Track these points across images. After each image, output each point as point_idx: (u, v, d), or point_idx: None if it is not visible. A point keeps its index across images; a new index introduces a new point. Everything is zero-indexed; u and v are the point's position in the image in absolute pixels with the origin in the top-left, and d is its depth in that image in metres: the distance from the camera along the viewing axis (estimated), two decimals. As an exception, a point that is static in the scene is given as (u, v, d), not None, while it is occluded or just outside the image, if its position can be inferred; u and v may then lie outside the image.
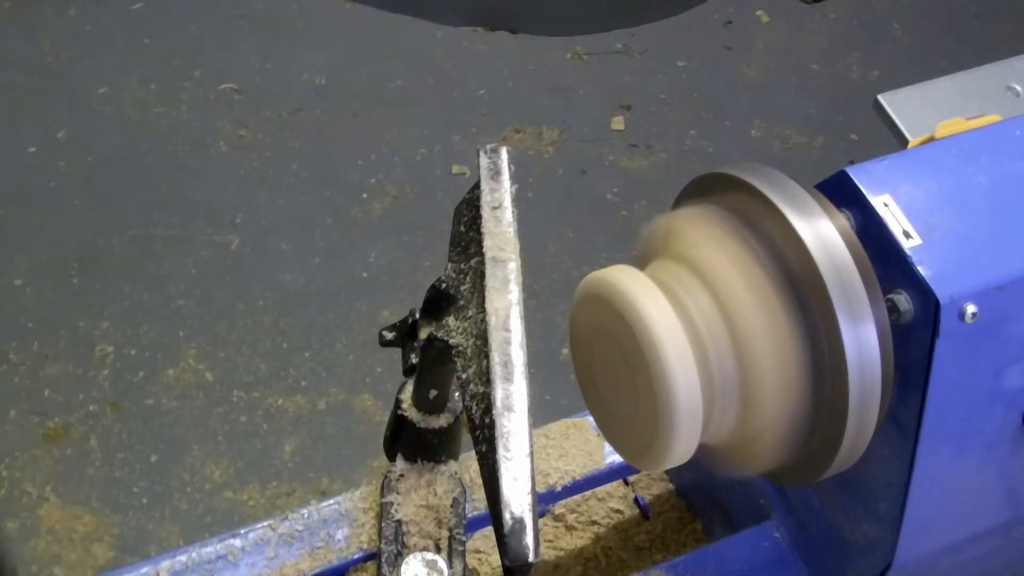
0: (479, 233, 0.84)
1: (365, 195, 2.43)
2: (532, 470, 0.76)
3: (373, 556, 0.95)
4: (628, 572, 0.98)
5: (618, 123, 2.74)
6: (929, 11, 3.01)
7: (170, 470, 2.08)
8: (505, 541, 0.74)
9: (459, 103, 2.75)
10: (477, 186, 0.87)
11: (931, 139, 0.90)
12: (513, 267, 0.82)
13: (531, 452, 0.76)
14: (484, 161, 0.87)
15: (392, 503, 0.92)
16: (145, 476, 2.08)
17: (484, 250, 0.82)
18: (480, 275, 0.82)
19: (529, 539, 0.74)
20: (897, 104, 1.05)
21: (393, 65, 2.82)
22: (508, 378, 0.78)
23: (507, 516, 0.75)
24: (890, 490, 0.81)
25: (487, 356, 0.79)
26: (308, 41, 2.80)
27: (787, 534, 0.94)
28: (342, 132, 2.62)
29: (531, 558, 0.74)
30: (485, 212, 0.84)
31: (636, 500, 0.75)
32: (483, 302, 0.81)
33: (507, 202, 0.85)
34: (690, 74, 2.86)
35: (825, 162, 2.58)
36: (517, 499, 0.75)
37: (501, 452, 0.76)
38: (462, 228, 0.86)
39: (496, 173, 0.86)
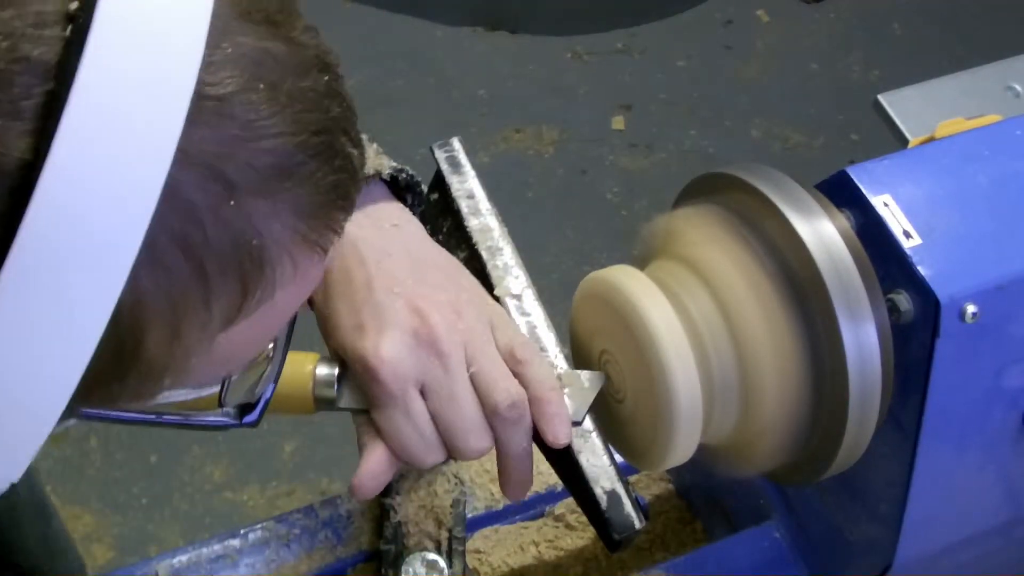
0: (459, 229, 0.84)
1: (365, 195, 2.43)
2: (605, 443, 0.77)
3: (373, 556, 0.95)
4: (628, 572, 0.98)
5: (618, 123, 2.74)
6: (929, 11, 3.01)
7: (170, 470, 2.08)
8: (607, 516, 0.74)
9: (459, 103, 2.75)
10: (435, 187, 0.86)
11: (931, 139, 0.90)
12: (510, 251, 0.82)
13: (597, 426, 0.77)
14: (440, 155, 0.86)
15: (392, 503, 0.92)
16: (145, 476, 2.08)
17: (473, 243, 0.82)
18: (474, 272, 0.81)
19: (629, 507, 0.74)
20: (897, 104, 1.05)
21: (393, 65, 2.82)
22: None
23: (599, 492, 0.75)
24: (890, 490, 0.81)
25: None
26: (308, 41, 2.79)
27: (787, 534, 0.94)
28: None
29: (638, 524, 0.74)
30: (461, 204, 0.84)
31: (636, 500, 0.75)
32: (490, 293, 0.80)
33: (478, 190, 0.85)
34: (690, 74, 2.86)
35: (825, 162, 2.58)
36: (603, 473, 0.75)
37: None
38: (440, 237, 0.85)
39: (456, 164, 0.86)
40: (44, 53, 0.43)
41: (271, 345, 0.63)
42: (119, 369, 0.48)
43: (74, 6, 0.44)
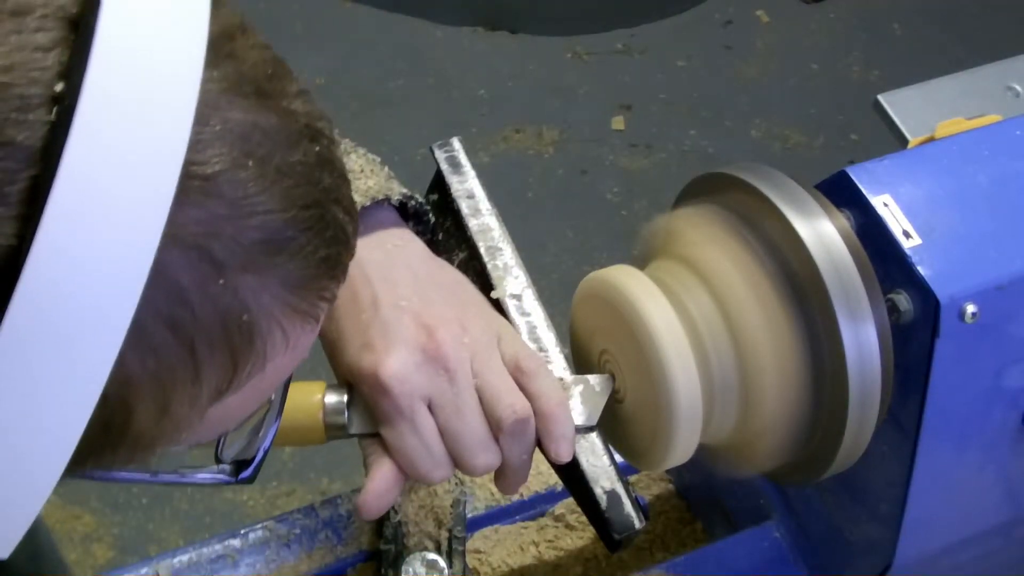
0: (459, 229, 0.84)
1: (365, 195, 2.43)
2: (605, 443, 0.77)
3: (373, 556, 0.95)
4: (628, 572, 0.98)
5: (618, 123, 2.74)
6: (929, 11, 3.01)
7: (170, 470, 2.08)
8: (607, 516, 0.74)
9: (459, 103, 2.75)
10: (435, 187, 0.86)
11: (931, 139, 0.90)
12: (510, 251, 0.82)
13: (597, 426, 0.77)
14: (440, 155, 0.86)
15: (392, 503, 0.92)
16: (145, 476, 2.08)
17: (474, 243, 0.82)
18: (474, 272, 0.81)
19: (629, 507, 0.74)
20: (897, 104, 1.04)
21: (393, 65, 2.82)
22: (547, 360, 0.78)
23: (599, 491, 0.75)
24: (890, 490, 0.81)
25: None
26: (308, 41, 2.80)
27: (787, 534, 0.94)
28: (342, 132, 2.62)
29: (638, 524, 0.74)
30: (461, 204, 0.84)
31: (636, 500, 0.75)
32: (488, 295, 0.80)
33: (478, 190, 0.85)
34: (690, 74, 2.86)
35: (825, 162, 2.58)
36: (603, 472, 0.75)
37: None
38: (440, 236, 0.86)
39: (456, 164, 0.86)
40: (28, 138, 0.43)
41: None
42: (109, 442, 0.48)
43: (60, 88, 0.43)
